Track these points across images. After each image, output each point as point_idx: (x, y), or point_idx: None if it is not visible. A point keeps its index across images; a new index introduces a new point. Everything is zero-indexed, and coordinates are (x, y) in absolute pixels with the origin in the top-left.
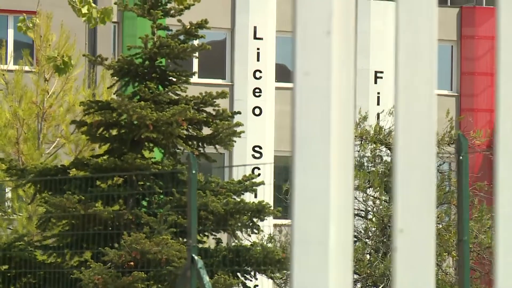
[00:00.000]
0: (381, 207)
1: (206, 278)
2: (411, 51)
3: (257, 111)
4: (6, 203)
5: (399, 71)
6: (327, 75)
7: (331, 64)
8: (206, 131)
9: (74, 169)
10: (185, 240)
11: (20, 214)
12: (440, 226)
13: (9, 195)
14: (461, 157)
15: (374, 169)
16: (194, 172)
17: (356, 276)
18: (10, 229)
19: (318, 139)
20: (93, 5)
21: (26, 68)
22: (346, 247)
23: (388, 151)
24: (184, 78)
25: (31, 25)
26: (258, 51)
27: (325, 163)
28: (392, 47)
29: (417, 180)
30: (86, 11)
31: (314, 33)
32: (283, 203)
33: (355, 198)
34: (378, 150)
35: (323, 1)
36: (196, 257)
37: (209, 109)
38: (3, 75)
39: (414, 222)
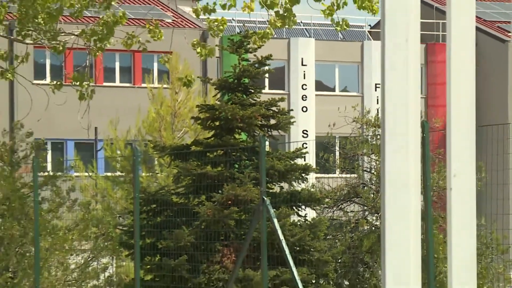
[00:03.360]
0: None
1: (271, 210)
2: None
3: (304, 109)
4: (154, 167)
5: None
6: (407, 71)
7: (408, 62)
8: (272, 121)
9: (193, 146)
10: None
11: (162, 173)
12: None
13: (155, 162)
14: (424, 135)
15: (374, 143)
16: (263, 146)
17: None
18: (156, 182)
19: (403, 126)
20: (206, 46)
21: (165, 85)
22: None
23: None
24: (258, 90)
25: (167, 59)
26: (304, 72)
27: (405, 146)
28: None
29: (464, 139)
30: (199, 50)
31: (397, 41)
32: (319, 164)
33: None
34: (377, 131)
35: (402, 17)
36: (265, 198)
37: (274, 108)
38: (151, 90)
39: (462, 169)
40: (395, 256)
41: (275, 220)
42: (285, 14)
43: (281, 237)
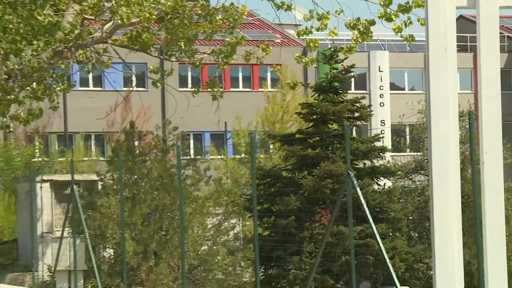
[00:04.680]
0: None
1: (355, 181)
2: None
3: (381, 104)
4: (270, 151)
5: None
6: (446, 75)
7: (447, 68)
8: (356, 114)
9: (297, 134)
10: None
11: (274, 156)
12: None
13: (270, 146)
14: (470, 121)
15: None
16: (348, 133)
17: None
18: (271, 162)
19: (445, 118)
20: (306, 58)
21: (277, 89)
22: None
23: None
24: (345, 90)
25: (277, 69)
26: (381, 77)
27: (446, 135)
28: None
29: (492, 123)
30: (303, 61)
31: (438, 49)
32: (393, 145)
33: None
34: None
35: (442, 32)
36: (350, 172)
37: (358, 104)
38: (266, 93)
39: (492, 147)
40: (441, 214)
41: (358, 189)
42: (364, 32)
43: (363, 201)
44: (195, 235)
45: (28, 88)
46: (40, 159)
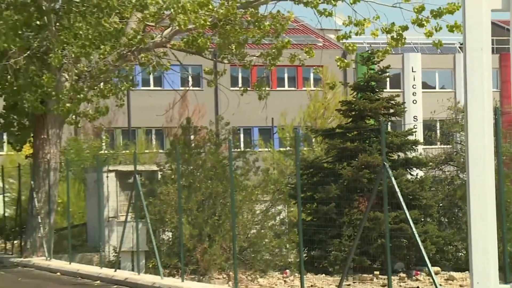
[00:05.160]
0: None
1: (390, 171)
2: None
3: (414, 101)
4: (312, 144)
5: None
6: (482, 73)
7: (482, 66)
8: (391, 111)
9: (337, 129)
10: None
11: (316, 149)
12: None
13: (313, 140)
14: (496, 117)
15: (463, 123)
16: (384, 128)
17: None
18: (313, 154)
19: (479, 112)
20: (345, 61)
21: (318, 88)
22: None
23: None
24: (381, 89)
25: (319, 70)
26: (413, 76)
27: (481, 127)
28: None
29: None
30: (340, 64)
31: (474, 50)
32: (425, 139)
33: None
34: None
35: (478, 34)
36: (385, 163)
37: (392, 102)
38: (309, 92)
39: None
40: (477, 195)
41: (393, 178)
42: (398, 38)
43: (397, 189)
44: (245, 220)
45: (95, 88)
46: (106, 151)
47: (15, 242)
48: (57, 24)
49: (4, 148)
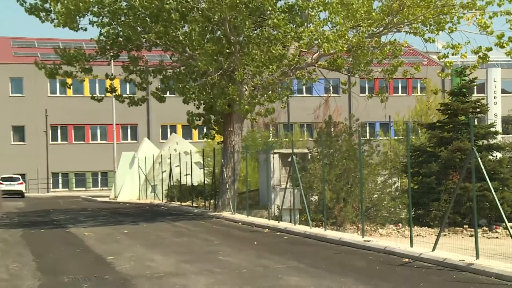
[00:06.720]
0: None
1: (477, 153)
2: None
3: (495, 103)
4: (419, 134)
5: None
6: None
7: None
8: (477, 110)
9: (437, 123)
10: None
11: (421, 137)
12: None
13: (419, 131)
14: None
15: None
16: (472, 122)
17: None
18: (419, 141)
19: None
20: (445, 73)
21: (423, 94)
22: None
23: None
24: (470, 94)
25: (424, 81)
26: (494, 85)
27: None
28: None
29: None
30: (441, 75)
31: None
32: (503, 130)
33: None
34: None
35: None
36: (473, 147)
37: (479, 103)
38: (416, 96)
39: None
40: None
41: (479, 158)
42: (484, 57)
43: (482, 166)
44: (369, 188)
45: (266, 95)
46: (272, 139)
47: (211, 201)
48: (240, 51)
49: (203, 138)
